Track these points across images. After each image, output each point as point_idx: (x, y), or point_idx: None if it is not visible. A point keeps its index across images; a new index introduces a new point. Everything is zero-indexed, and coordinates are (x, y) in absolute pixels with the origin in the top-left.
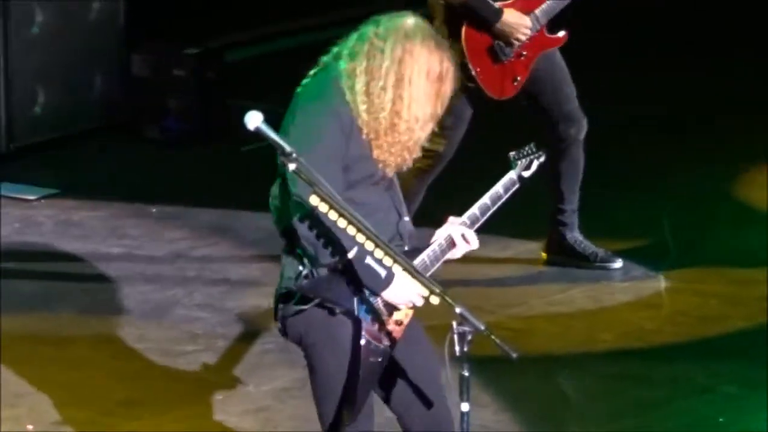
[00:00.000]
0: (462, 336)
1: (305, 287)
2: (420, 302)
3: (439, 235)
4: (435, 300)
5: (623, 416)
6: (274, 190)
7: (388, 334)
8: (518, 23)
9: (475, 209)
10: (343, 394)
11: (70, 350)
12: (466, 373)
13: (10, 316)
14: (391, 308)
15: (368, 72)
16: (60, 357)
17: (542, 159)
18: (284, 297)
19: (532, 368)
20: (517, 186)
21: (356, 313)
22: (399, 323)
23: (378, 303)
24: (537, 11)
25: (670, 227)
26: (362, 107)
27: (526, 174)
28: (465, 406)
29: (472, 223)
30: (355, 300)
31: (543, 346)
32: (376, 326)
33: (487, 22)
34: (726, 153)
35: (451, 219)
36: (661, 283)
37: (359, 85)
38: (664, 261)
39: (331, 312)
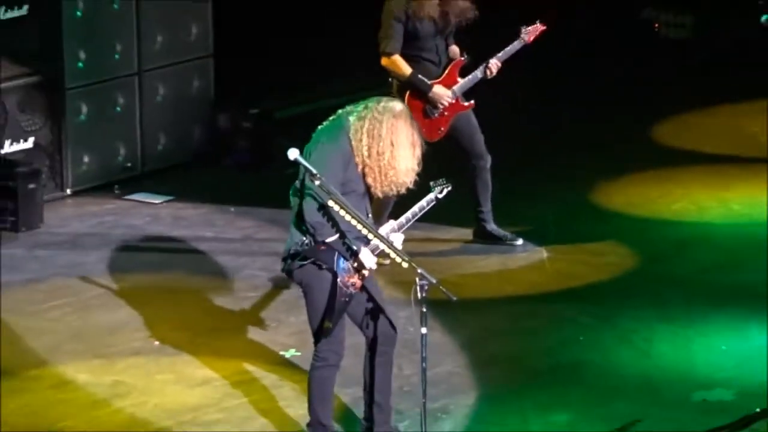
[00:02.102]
0: (422, 287)
1: (306, 251)
2: (374, 267)
3: (384, 227)
4: (405, 264)
5: (517, 336)
6: (293, 189)
7: (353, 284)
8: (442, 94)
9: (406, 215)
10: (324, 314)
11: (178, 296)
12: (424, 310)
13: (143, 275)
14: (357, 269)
15: (369, 134)
16: (171, 300)
17: (449, 188)
18: (291, 255)
19: (464, 306)
20: (434, 203)
21: (335, 269)
22: (361, 277)
23: (348, 265)
24: (455, 87)
25: (551, 219)
26: (365, 154)
27: (440, 196)
28: (424, 330)
29: (403, 225)
30: (335, 261)
31: (471, 294)
32: (346, 278)
33: (422, 92)
34: (585, 172)
35: (390, 222)
36: (544, 254)
37: (364, 142)
38: (547, 240)
39: (320, 267)
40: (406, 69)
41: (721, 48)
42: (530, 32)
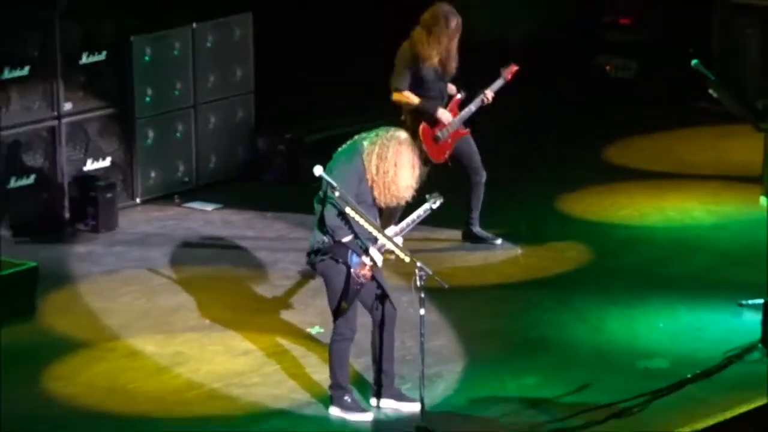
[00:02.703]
0: (420, 277)
1: (326, 248)
2: (380, 263)
3: (389, 230)
4: (406, 259)
5: (496, 316)
6: (317, 198)
7: (364, 275)
8: (443, 115)
9: (406, 220)
10: (340, 298)
11: (225, 284)
12: (422, 295)
13: (197, 266)
14: (367, 263)
15: (379, 156)
16: (220, 286)
17: (442, 200)
18: (314, 251)
19: (454, 293)
20: (429, 212)
21: (349, 263)
22: (370, 269)
23: (360, 259)
24: (455, 119)
25: (523, 224)
26: (374, 173)
27: (434, 206)
28: (422, 311)
29: (403, 229)
30: (349, 256)
31: (459, 282)
32: (358, 270)
33: (429, 114)
34: (550, 185)
35: (393, 226)
36: (518, 251)
37: (373, 162)
38: (520, 240)
39: (337, 261)
40: (414, 99)
41: (659, 86)
42: (507, 71)
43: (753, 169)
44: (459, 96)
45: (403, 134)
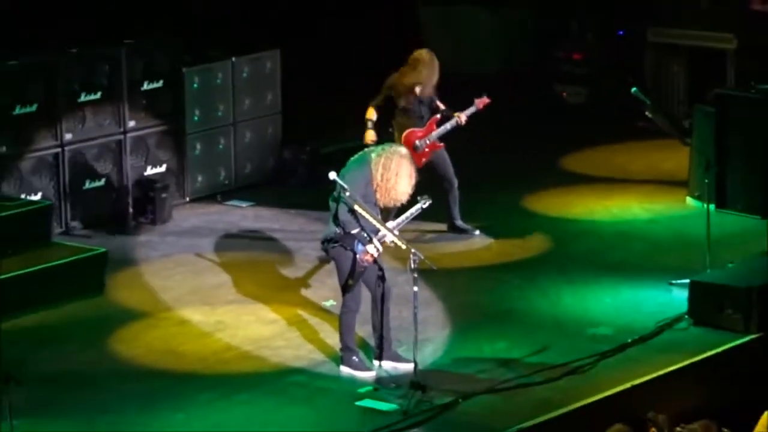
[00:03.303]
0: (414, 261)
1: (337, 237)
2: (381, 249)
3: (388, 224)
4: (403, 246)
5: (474, 292)
6: (331, 198)
7: (367, 260)
8: (368, 137)
9: (401, 217)
10: (347, 278)
11: (258, 266)
12: (415, 275)
13: (235, 252)
14: (370, 250)
15: (384, 167)
16: (253, 268)
17: (430, 201)
18: (328, 240)
19: (441, 273)
20: (420, 211)
21: (355, 250)
22: (372, 256)
23: (364, 247)
24: (432, 134)
25: (496, 218)
26: (379, 180)
27: (424, 206)
28: (415, 288)
29: (400, 224)
30: (355, 245)
31: (445, 265)
32: (362, 255)
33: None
34: (517, 187)
35: (391, 221)
36: (491, 240)
37: (379, 171)
38: (493, 232)
39: (345, 249)
40: (370, 114)
41: (605, 109)
42: (480, 101)
43: (680, 175)
44: (438, 116)
45: (404, 150)
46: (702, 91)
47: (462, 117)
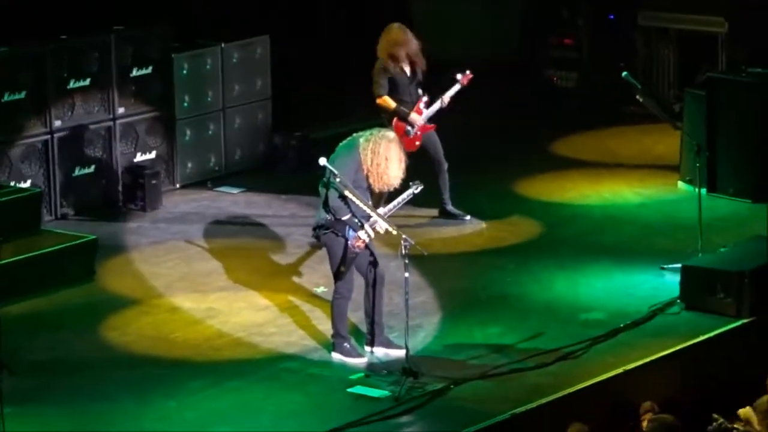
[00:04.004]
0: (405, 246)
1: (328, 224)
2: (372, 235)
3: (379, 210)
4: (394, 232)
5: (465, 277)
6: (321, 183)
7: (358, 246)
8: (416, 118)
9: (393, 203)
10: (339, 264)
11: (248, 252)
12: (406, 261)
13: (226, 238)
14: (361, 236)
15: (373, 151)
16: (244, 254)
17: (422, 186)
18: (319, 226)
19: (432, 259)
20: (411, 196)
21: (346, 236)
22: (363, 242)
23: (356, 233)
24: (421, 116)
25: (486, 203)
26: (369, 164)
27: (416, 191)
28: (406, 274)
29: (391, 209)
30: (347, 231)
31: (436, 250)
32: (353, 241)
33: (403, 117)
34: (509, 172)
35: (382, 207)
36: (483, 225)
37: (368, 155)
38: (484, 216)
39: (337, 235)
40: (393, 104)
41: (596, 93)
42: (464, 78)
43: (671, 159)
44: (424, 98)
45: (391, 134)
46: (693, 75)
47: (445, 98)
